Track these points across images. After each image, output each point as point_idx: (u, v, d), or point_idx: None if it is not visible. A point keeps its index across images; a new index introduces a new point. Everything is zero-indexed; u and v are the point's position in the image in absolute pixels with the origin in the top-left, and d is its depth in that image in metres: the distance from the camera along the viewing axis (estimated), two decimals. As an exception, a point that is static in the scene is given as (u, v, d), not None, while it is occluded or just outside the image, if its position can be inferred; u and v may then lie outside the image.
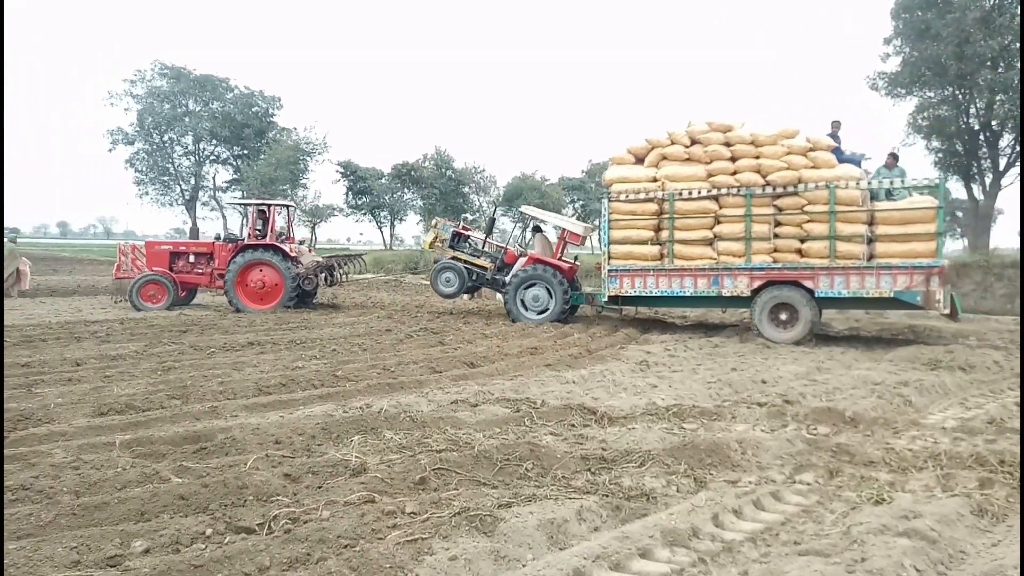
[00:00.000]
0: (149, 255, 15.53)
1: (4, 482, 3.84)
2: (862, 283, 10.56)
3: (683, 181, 11.64)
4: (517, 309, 13.24)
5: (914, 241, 10.41)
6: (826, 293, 10.77)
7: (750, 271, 11.16)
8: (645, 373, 8.21)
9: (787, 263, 11.02)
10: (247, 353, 8.93)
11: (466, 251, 14.82)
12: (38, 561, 2.96)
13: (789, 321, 10.99)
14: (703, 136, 11.75)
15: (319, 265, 15.64)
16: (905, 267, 10.34)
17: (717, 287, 11.36)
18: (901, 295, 10.39)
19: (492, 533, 3.31)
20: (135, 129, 47.26)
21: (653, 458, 4.59)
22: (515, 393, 6.76)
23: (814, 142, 11.24)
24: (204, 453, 4.59)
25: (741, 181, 11.25)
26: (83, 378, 7.05)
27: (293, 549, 3.10)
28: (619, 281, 11.95)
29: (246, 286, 14.84)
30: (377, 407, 5.97)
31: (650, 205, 11.75)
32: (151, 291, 14.93)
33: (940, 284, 10.20)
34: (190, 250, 15.82)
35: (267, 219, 15.38)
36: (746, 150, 11.46)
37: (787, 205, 11.01)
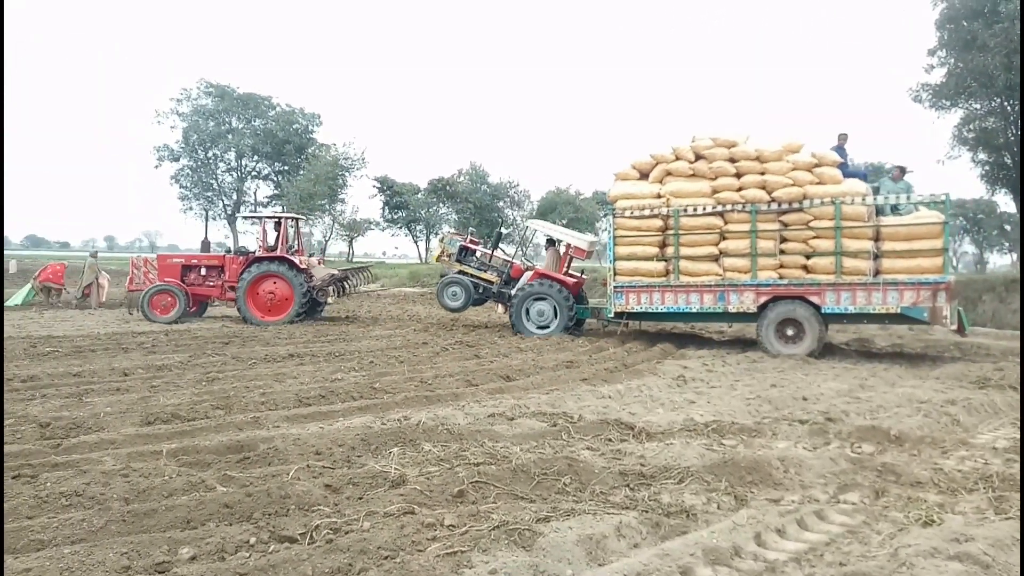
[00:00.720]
0: (161, 268, 15.73)
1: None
2: (869, 299, 10.55)
3: (688, 197, 11.65)
4: (522, 323, 13.33)
5: (920, 257, 10.39)
6: (832, 309, 10.76)
7: (756, 287, 11.18)
8: (682, 388, 8.12)
9: (793, 279, 11.03)
10: (287, 365, 9.09)
11: (473, 265, 14.95)
12: (90, 566, 3.05)
13: (796, 336, 10.98)
14: (707, 152, 11.75)
15: (332, 277, 15.83)
16: (912, 283, 10.33)
17: (723, 303, 11.38)
18: (908, 311, 10.36)
19: (531, 547, 3.31)
20: (180, 146, 48.66)
21: (692, 475, 4.54)
22: (551, 407, 6.75)
23: (819, 157, 11.20)
24: (247, 463, 4.68)
25: (746, 197, 11.28)
26: (131, 388, 7.25)
27: (335, 559, 3.14)
28: (625, 297, 12.01)
29: (257, 298, 14.99)
30: (415, 419, 6.02)
31: (655, 221, 11.78)
32: (162, 302, 15.03)
33: (947, 300, 10.15)
34: (201, 263, 15.98)
35: (279, 232, 15.59)
36: (751, 166, 11.47)
37: (792, 221, 11.03)
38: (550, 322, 13.22)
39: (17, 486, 4.04)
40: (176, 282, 15.41)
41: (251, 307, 14.95)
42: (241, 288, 14.88)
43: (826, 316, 10.90)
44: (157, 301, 15.01)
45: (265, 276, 15.00)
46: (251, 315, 14.84)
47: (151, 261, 16.20)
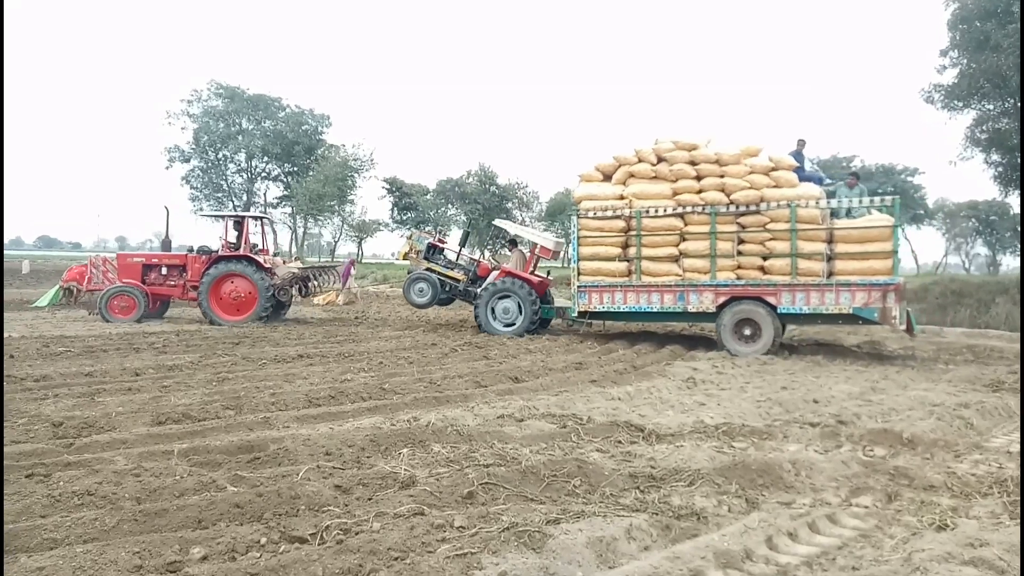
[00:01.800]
0: (121, 267, 15.41)
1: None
2: (822, 299, 10.90)
3: (650, 199, 11.89)
4: (487, 320, 13.50)
5: (872, 259, 10.71)
6: (788, 309, 11.11)
7: (715, 287, 11.48)
8: (692, 390, 8.09)
9: (750, 280, 11.36)
10: (297, 365, 9.12)
11: (440, 263, 15.09)
12: (103, 565, 3.07)
13: (753, 336, 11.28)
14: (669, 154, 11.98)
15: (294, 276, 15.65)
16: (863, 284, 10.66)
17: (683, 303, 11.66)
18: (859, 311, 10.70)
19: (541, 549, 3.30)
20: (191, 147, 48.95)
21: (703, 477, 4.52)
22: (560, 409, 6.73)
23: (776, 161, 11.50)
24: (258, 463, 4.69)
25: (706, 200, 11.54)
26: (142, 388, 7.29)
27: (345, 560, 3.14)
28: (588, 297, 12.21)
29: (220, 298, 14.80)
30: (424, 420, 6.02)
31: (618, 222, 12.01)
32: (121, 303, 14.76)
33: (896, 301, 10.48)
34: (162, 262, 15.62)
35: (241, 231, 15.39)
36: (711, 169, 11.71)
37: (750, 223, 11.36)
38: (515, 320, 13.41)
39: (30, 485, 4.07)
40: (135, 283, 15.10)
41: (214, 307, 14.66)
42: (204, 287, 14.60)
43: (782, 316, 11.24)
44: (116, 303, 14.73)
45: (228, 275, 14.77)
46: (214, 315, 14.60)
47: (110, 261, 15.83)
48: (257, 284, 14.66)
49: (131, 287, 14.95)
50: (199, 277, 14.81)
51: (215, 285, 14.70)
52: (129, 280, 15.13)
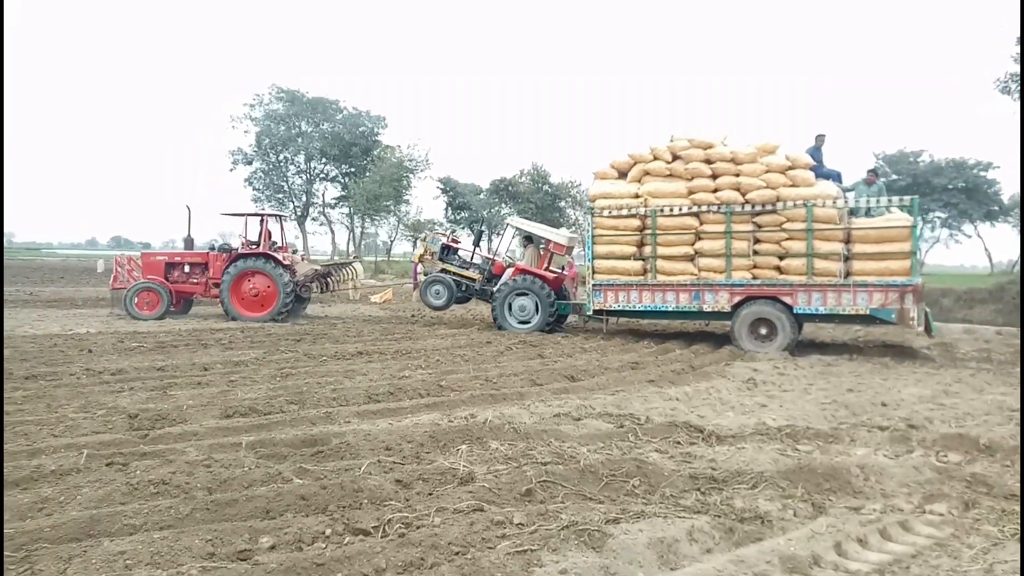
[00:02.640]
0: (145, 265, 15.63)
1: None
2: (839, 300, 10.78)
3: (665, 197, 11.82)
4: (504, 318, 13.54)
5: (889, 259, 10.56)
6: (804, 309, 11.01)
7: (730, 287, 11.42)
8: (753, 391, 7.91)
9: (766, 279, 11.27)
10: (357, 362, 9.30)
11: (455, 263, 15.09)
12: (178, 551, 3.19)
13: (768, 335, 11.22)
14: (684, 152, 11.85)
15: (315, 273, 15.85)
16: (881, 285, 10.51)
17: (698, 302, 11.64)
18: (876, 312, 10.57)
19: (601, 549, 3.29)
20: (253, 150, 50.46)
21: (766, 480, 4.42)
22: (617, 408, 6.68)
23: (793, 160, 11.31)
24: (321, 456, 4.81)
25: (721, 199, 11.44)
26: (211, 382, 7.55)
27: (407, 553, 3.19)
28: (603, 295, 12.24)
29: (241, 295, 15.03)
30: (481, 417, 6.06)
31: (633, 221, 11.98)
32: (146, 299, 15.00)
33: (914, 302, 10.32)
34: (185, 260, 15.81)
35: (261, 229, 15.63)
36: (726, 167, 11.56)
37: (766, 223, 11.26)
38: (531, 317, 13.42)
39: (111, 473, 4.26)
40: (159, 280, 15.31)
41: (235, 303, 14.90)
42: (225, 284, 14.82)
43: (798, 316, 11.14)
44: (141, 299, 14.98)
45: (249, 272, 15.02)
46: (235, 311, 14.85)
47: (135, 259, 16.07)
48: (276, 281, 14.90)
49: (155, 283, 15.19)
50: (220, 274, 15.12)
51: (236, 282, 14.98)
52: (153, 277, 15.38)
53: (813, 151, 11.91)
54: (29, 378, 7.56)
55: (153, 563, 3.08)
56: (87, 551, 3.13)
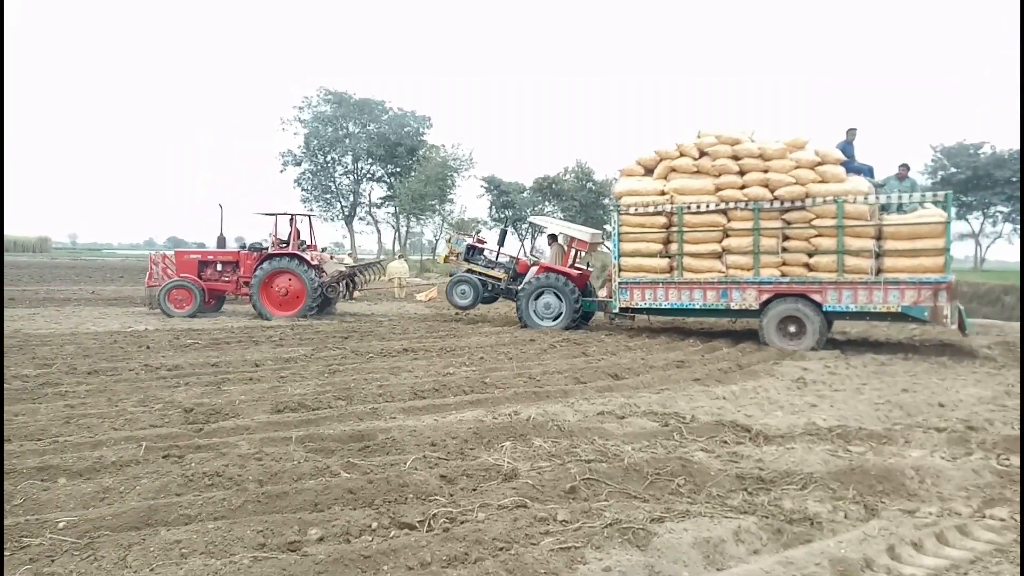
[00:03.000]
0: (179, 264, 15.98)
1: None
2: (870, 297, 10.61)
3: (692, 194, 11.73)
4: (529, 316, 13.61)
5: (922, 256, 10.37)
6: (834, 307, 10.86)
7: (758, 284, 11.31)
8: (802, 391, 7.74)
9: (795, 277, 11.12)
10: (402, 359, 9.42)
11: (480, 263, 15.21)
12: (231, 541, 3.29)
13: (797, 333, 11.10)
14: (711, 149, 11.72)
15: (342, 274, 16.05)
16: (913, 282, 10.36)
17: (726, 300, 11.55)
18: (909, 310, 10.42)
19: (645, 547, 3.27)
20: (302, 151, 51.50)
21: (816, 481, 4.32)
22: (662, 407, 6.62)
23: (823, 155, 11.14)
24: (368, 451, 4.89)
25: (749, 196, 11.31)
26: (262, 378, 7.76)
27: (452, 547, 3.22)
28: (630, 293, 12.22)
29: (271, 292, 15.28)
30: (525, 415, 6.08)
31: (659, 218, 11.93)
32: (179, 296, 15.28)
33: (948, 299, 10.16)
34: (217, 259, 16.11)
35: (291, 229, 15.86)
36: (754, 163, 11.42)
37: (795, 219, 11.09)
38: (556, 315, 13.47)
39: (167, 465, 4.42)
40: (192, 278, 15.61)
41: (265, 302, 15.18)
42: (255, 283, 15.12)
43: (827, 314, 10.99)
44: (174, 296, 15.27)
45: (278, 272, 15.27)
46: (265, 310, 15.14)
47: (169, 257, 16.45)
48: (305, 280, 15.15)
49: (188, 281, 15.50)
50: (251, 273, 15.41)
51: (266, 281, 15.25)
52: (186, 275, 15.70)
53: (844, 146, 11.71)
54: (91, 373, 7.88)
55: (207, 552, 3.18)
56: (145, 539, 3.25)
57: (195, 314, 15.27)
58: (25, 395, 6.65)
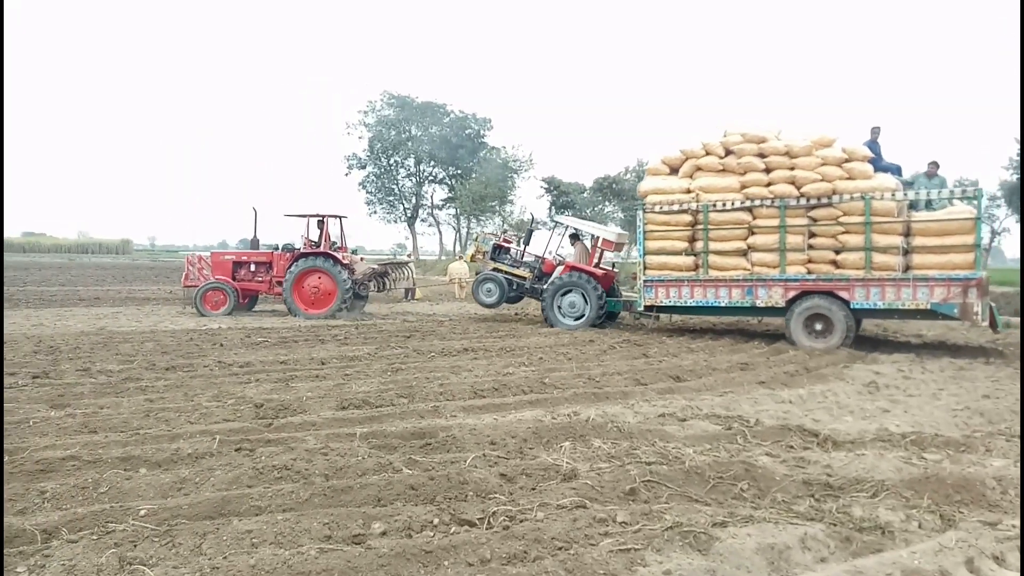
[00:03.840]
0: (214, 264, 16.34)
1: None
2: (898, 294, 10.53)
3: (717, 192, 11.71)
4: (554, 315, 13.69)
5: (952, 252, 10.27)
6: (861, 304, 10.76)
7: (785, 282, 11.25)
8: (874, 395, 7.45)
9: (822, 274, 11.07)
10: (462, 358, 9.53)
11: (506, 262, 15.33)
12: (299, 532, 3.40)
13: (824, 331, 10.99)
14: (737, 147, 11.72)
15: (372, 272, 16.31)
16: (942, 279, 10.24)
17: (751, 297, 11.52)
18: (938, 307, 10.30)
19: (707, 552, 3.22)
20: (366, 154, 52.67)
21: (888, 489, 4.16)
22: (725, 410, 6.49)
23: (850, 152, 11.09)
24: (429, 448, 4.97)
25: (775, 193, 11.28)
26: (328, 375, 7.98)
27: (511, 545, 3.25)
28: (655, 291, 12.28)
29: (303, 292, 15.57)
30: (584, 415, 6.06)
31: (684, 216, 11.97)
32: (214, 298, 15.70)
33: (978, 296, 10.04)
34: (251, 260, 16.50)
35: (322, 229, 16.12)
36: (780, 161, 11.40)
37: (822, 216, 11.05)
38: (581, 314, 13.50)
39: (239, 458, 4.60)
40: (226, 279, 16.03)
41: (297, 301, 15.52)
42: (288, 283, 15.46)
43: (855, 311, 10.87)
44: (210, 297, 15.69)
45: (310, 271, 15.57)
46: (297, 308, 15.46)
47: (205, 259, 16.78)
48: (336, 279, 15.47)
49: (223, 283, 15.93)
50: (283, 273, 15.78)
51: (298, 280, 15.59)
52: (221, 276, 16.12)
53: (870, 144, 11.57)
54: (169, 369, 8.28)
55: (276, 543, 3.30)
56: (219, 529, 3.40)
57: (230, 313, 15.70)
58: (109, 389, 7.04)
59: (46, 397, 6.59)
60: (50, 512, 3.70)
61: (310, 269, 15.65)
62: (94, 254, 66.36)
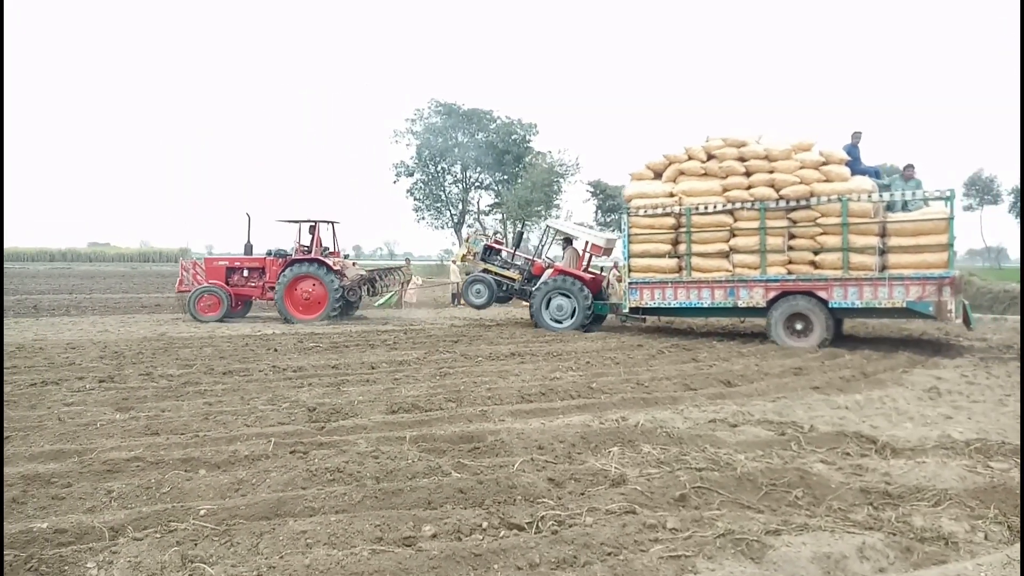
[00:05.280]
0: (208, 270, 16.49)
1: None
2: (875, 293, 10.81)
3: (700, 196, 12.04)
4: (542, 317, 14.01)
5: (926, 252, 10.55)
6: (840, 303, 11.06)
7: (765, 282, 11.55)
8: (936, 401, 7.19)
9: (801, 274, 11.36)
10: (510, 363, 9.56)
11: (496, 264, 15.64)
12: (351, 533, 3.47)
13: (804, 330, 11.30)
14: (718, 151, 12.05)
15: (362, 278, 16.35)
16: (917, 278, 10.54)
17: (733, 298, 11.80)
18: (914, 305, 10.59)
19: (760, 560, 3.16)
20: (414, 162, 53.32)
21: (951, 498, 4.01)
22: (778, 416, 6.36)
23: (827, 155, 11.40)
24: (477, 452, 5.01)
25: (755, 195, 11.59)
26: (378, 379, 8.11)
27: (560, 550, 3.25)
28: (639, 293, 12.54)
29: (294, 297, 15.71)
30: (633, 420, 6.02)
31: (668, 219, 12.28)
32: (207, 302, 15.83)
33: (952, 294, 10.34)
34: (244, 265, 16.59)
35: (314, 235, 16.27)
36: (760, 164, 11.71)
37: (800, 218, 11.34)
38: (568, 316, 13.85)
39: (293, 460, 4.72)
40: (220, 284, 16.18)
41: (289, 306, 15.68)
42: (279, 288, 15.62)
43: (834, 310, 11.14)
44: (203, 302, 15.82)
45: (301, 277, 15.72)
46: (289, 313, 15.63)
47: (199, 264, 16.92)
48: (327, 285, 15.63)
49: (216, 287, 16.08)
50: (276, 279, 15.95)
51: (290, 286, 15.77)
52: (215, 281, 16.29)
53: (850, 148, 11.86)
54: (226, 373, 8.53)
55: (330, 543, 3.37)
56: (275, 528, 3.49)
57: (223, 319, 15.90)
58: (170, 393, 7.30)
59: (112, 400, 6.88)
60: (117, 511, 3.86)
61: (302, 275, 15.88)
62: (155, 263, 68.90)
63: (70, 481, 4.34)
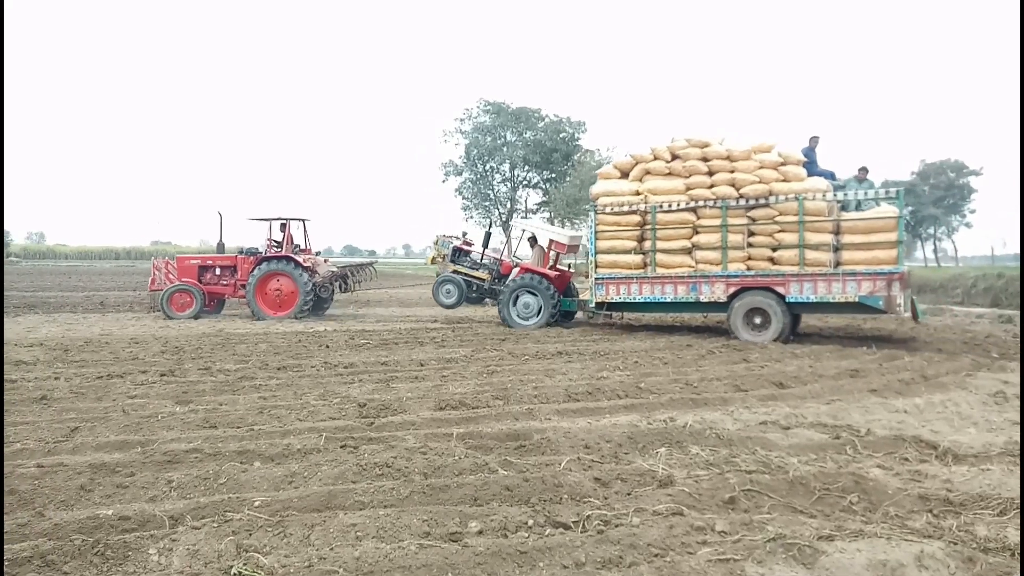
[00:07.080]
0: (180, 268, 16.59)
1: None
2: (829, 288, 11.28)
3: (664, 194, 12.39)
4: (509, 315, 14.19)
5: (877, 249, 11.02)
6: (796, 298, 11.50)
7: (726, 278, 11.94)
8: (1002, 406, 6.89)
9: (760, 270, 11.78)
10: (556, 361, 9.55)
11: (466, 264, 16.02)
12: (399, 528, 3.53)
13: (763, 325, 11.69)
14: (682, 152, 12.46)
15: (333, 275, 16.41)
16: (869, 273, 10.98)
17: (696, 293, 12.19)
18: (865, 299, 11.02)
19: (812, 566, 3.09)
20: (463, 161, 53.70)
21: (1017, 507, 3.84)
22: (832, 419, 6.19)
23: (785, 156, 11.85)
24: (523, 450, 5.02)
25: (717, 194, 11.98)
26: (426, 376, 8.21)
27: (606, 550, 3.24)
28: (605, 288, 12.84)
29: (266, 295, 15.79)
30: (681, 421, 5.95)
31: (633, 217, 12.60)
32: (181, 300, 15.94)
33: (901, 289, 10.79)
34: (216, 263, 16.71)
35: (284, 232, 16.32)
36: (722, 165, 12.12)
37: (759, 216, 11.76)
38: (535, 314, 14.07)
39: (343, 455, 4.82)
40: (193, 282, 16.29)
41: (260, 303, 15.82)
42: (250, 286, 15.76)
43: (791, 305, 11.57)
44: (176, 299, 15.93)
45: (273, 274, 15.80)
46: (260, 311, 15.73)
47: (171, 262, 17.04)
48: (298, 282, 15.74)
49: (189, 285, 16.22)
50: (247, 276, 16.07)
51: (261, 283, 15.89)
52: (187, 279, 16.42)
53: (807, 151, 12.25)
54: (280, 369, 8.76)
55: (379, 536, 3.44)
56: (326, 521, 3.57)
57: (197, 316, 16.02)
58: (227, 387, 7.54)
59: (172, 394, 7.14)
60: (176, 500, 4.01)
61: (272, 272, 16.01)
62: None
63: (133, 471, 4.52)
